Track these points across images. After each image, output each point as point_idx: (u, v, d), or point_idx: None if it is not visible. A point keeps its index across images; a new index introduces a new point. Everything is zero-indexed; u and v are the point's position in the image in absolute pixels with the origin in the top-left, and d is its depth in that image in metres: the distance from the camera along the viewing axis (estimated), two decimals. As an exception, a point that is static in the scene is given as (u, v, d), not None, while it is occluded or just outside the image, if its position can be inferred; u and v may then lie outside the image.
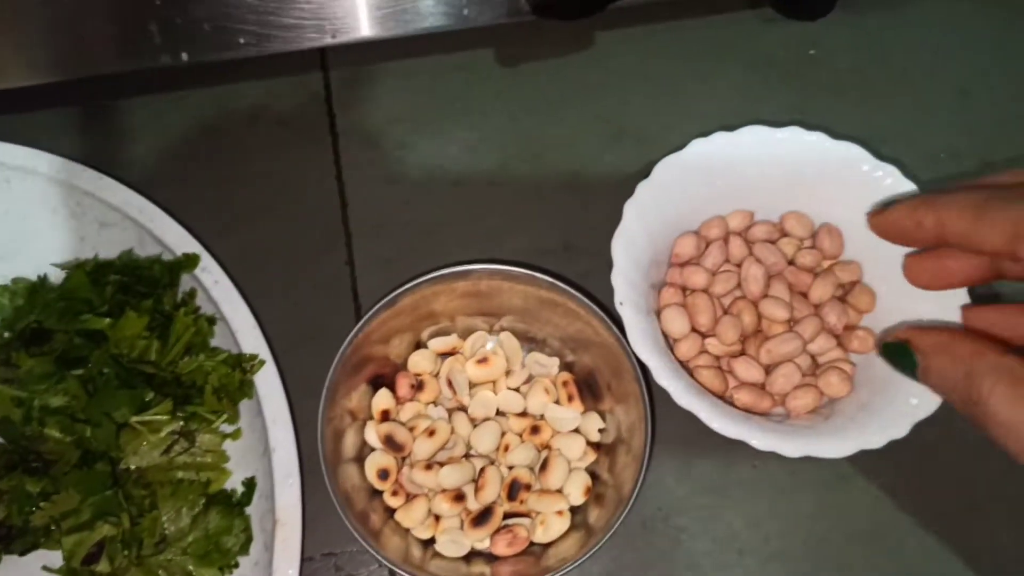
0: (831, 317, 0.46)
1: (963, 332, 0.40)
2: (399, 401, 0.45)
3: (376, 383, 0.46)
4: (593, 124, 0.55)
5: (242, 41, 0.50)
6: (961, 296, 0.43)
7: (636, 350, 0.42)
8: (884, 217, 0.41)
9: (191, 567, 0.40)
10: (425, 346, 0.47)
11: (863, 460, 0.46)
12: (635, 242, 0.44)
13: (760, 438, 0.41)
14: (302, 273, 0.51)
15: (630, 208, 0.45)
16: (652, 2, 0.54)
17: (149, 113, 0.55)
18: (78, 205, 0.48)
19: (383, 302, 0.43)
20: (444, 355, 0.47)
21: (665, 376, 0.41)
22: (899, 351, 0.39)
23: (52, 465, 0.40)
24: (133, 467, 0.41)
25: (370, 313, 0.42)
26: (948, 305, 0.43)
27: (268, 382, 0.44)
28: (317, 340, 0.49)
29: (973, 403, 0.34)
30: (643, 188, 0.45)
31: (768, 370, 0.45)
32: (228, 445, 0.44)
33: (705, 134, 0.46)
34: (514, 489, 0.43)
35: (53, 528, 0.40)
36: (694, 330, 0.46)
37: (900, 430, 0.41)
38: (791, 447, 0.41)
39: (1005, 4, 0.59)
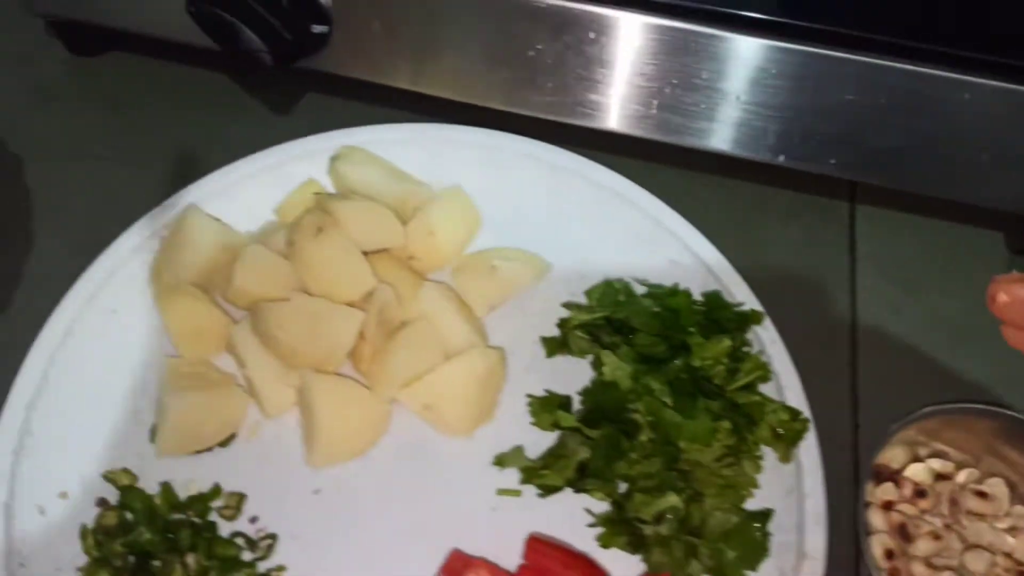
0: None
1: None
2: (900, 499, 0.51)
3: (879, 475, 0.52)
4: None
5: (833, 162, 0.58)
6: None
7: None
8: None
9: (727, 554, 0.47)
10: (922, 460, 0.53)
11: None
12: None
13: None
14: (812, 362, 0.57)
15: None
16: None
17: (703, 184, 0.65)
18: (654, 238, 0.58)
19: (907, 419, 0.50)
20: (940, 476, 0.52)
21: None
22: None
23: (635, 434, 0.49)
24: (690, 460, 0.49)
25: (898, 424, 0.50)
26: None
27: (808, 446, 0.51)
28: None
29: None
30: None
31: None
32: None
33: None
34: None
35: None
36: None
37: None
38: None
39: None
